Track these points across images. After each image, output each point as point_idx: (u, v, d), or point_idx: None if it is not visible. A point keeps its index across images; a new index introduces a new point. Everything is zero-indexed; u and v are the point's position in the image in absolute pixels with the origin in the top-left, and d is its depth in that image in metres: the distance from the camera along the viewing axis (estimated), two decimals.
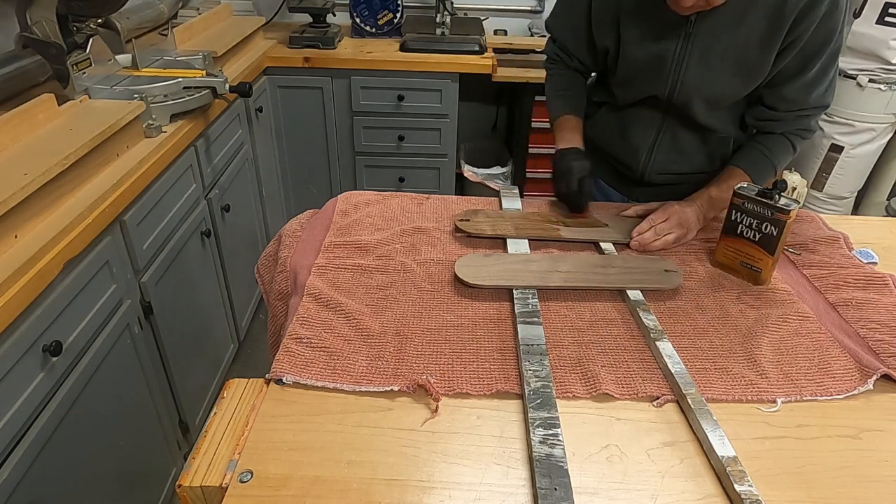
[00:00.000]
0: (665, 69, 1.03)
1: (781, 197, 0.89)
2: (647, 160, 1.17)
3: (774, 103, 1.05)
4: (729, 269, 0.97)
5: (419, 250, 0.99)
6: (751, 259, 0.93)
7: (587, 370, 0.75)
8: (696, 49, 1.00)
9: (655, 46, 1.02)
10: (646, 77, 1.06)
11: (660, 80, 1.05)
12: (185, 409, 1.57)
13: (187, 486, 0.61)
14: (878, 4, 2.28)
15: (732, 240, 0.95)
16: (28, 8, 1.35)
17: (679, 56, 1.01)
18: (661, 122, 1.13)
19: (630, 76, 1.09)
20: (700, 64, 1.01)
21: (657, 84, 1.06)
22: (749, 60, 0.99)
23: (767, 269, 0.92)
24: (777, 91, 1.03)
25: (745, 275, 0.95)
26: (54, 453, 1.04)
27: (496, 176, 2.49)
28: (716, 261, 0.98)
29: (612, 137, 1.21)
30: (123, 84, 1.49)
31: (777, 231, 0.89)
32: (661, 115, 1.12)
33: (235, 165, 1.87)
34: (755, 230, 0.92)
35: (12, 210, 0.98)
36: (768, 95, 1.05)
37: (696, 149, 1.15)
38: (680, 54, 1.01)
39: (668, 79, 1.04)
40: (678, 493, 0.61)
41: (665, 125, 1.13)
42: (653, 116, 1.13)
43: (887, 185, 2.68)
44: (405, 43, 2.27)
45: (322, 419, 0.68)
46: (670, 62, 1.02)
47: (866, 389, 0.74)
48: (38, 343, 1.00)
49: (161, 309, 1.41)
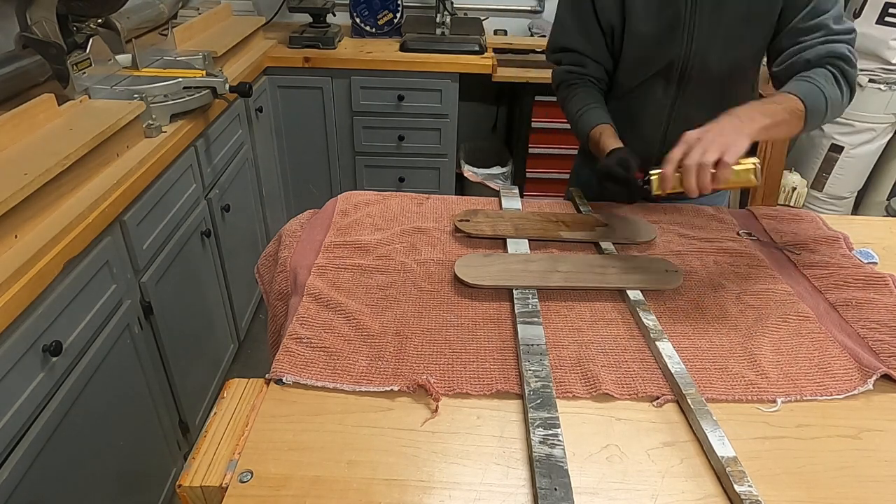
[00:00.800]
0: (678, 32, 1.03)
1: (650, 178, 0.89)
2: (661, 150, 1.12)
3: (794, 38, 1.01)
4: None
5: (419, 250, 0.99)
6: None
7: (587, 370, 0.75)
8: (706, 6, 1.00)
9: (664, 13, 1.02)
10: (659, 46, 1.05)
11: (674, 46, 1.04)
12: (185, 409, 1.57)
13: (187, 486, 0.61)
14: (878, 4, 2.28)
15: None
16: (28, 8, 1.35)
17: (689, 15, 1.01)
18: (670, 107, 1.12)
19: (642, 50, 1.07)
20: (713, 21, 1.01)
21: (671, 50, 1.05)
22: (759, 6, 1.00)
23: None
24: (793, 28, 1.00)
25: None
26: (54, 453, 1.04)
27: (496, 176, 2.49)
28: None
29: (621, 131, 1.17)
30: (123, 84, 1.49)
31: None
32: (672, 97, 1.11)
33: (235, 165, 1.87)
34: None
35: (12, 210, 0.98)
36: (786, 38, 1.02)
37: None
38: (690, 13, 1.01)
39: (682, 42, 1.04)
40: (678, 493, 0.61)
41: (675, 110, 1.12)
42: (660, 102, 1.12)
43: (887, 185, 2.68)
44: (405, 43, 2.27)
45: (322, 419, 0.68)
46: (682, 24, 1.02)
47: (866, 389, 0.74)
48: (38, 343, 1.00)
49: (161, 309, 1.41)
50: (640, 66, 1.10)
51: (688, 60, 1.06)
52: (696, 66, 1.06)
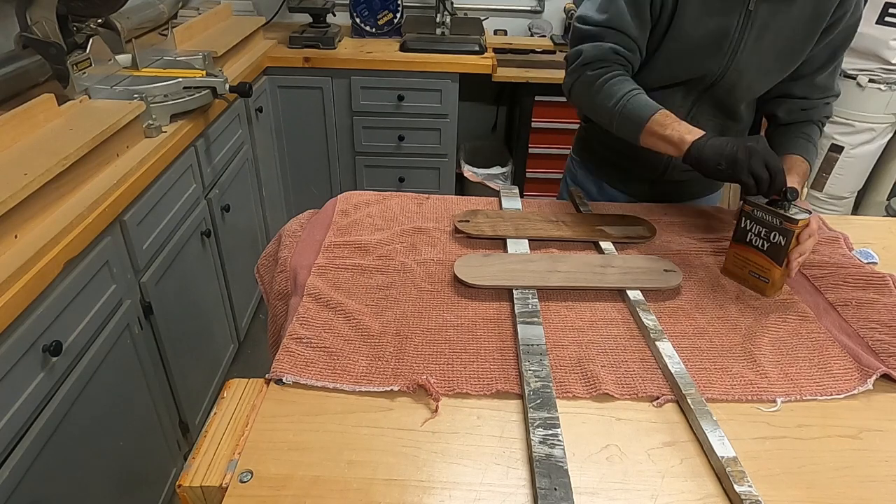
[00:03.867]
0: (724, 46, 1.01)
1: (791, 206, 0.87)
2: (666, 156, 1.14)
3: (808, 93, 1.08)
4: (738, 278, 0.94)
5: (419, 250, 0.99)
6: (759, 269, 0.91)
7: (587, 370, 0.75)
8: (755, 27, 0.99)
9: (715, 21, 0.99)
10: (701, 54, 1.03)
11: (715, 58, 1.02)
12: (185, 409, 1.57)
13: (187, 486, 0.61)
14: (878, 4, 2.28)
15: (741, 248, 0.93)
16: (28, 8, 1.35)
17: (739, 33, 1.00)
18: (686, 114, 1.10)
19: (682, 53, 1.04)
20: (755, 44, 1.00)
21: (711, 62, 1.03)
22: (794, 45, 1.01)
23: (774, 279, 0.89)
24: (810, 80, 1.06)
25: (752, 284, 0.92)
26: (54, 453, 1.04)
27: (496, 176, 2.49)
28: (725, 269, 0.96)
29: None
30: (123, 84, 1.49)
31: (785, 241, 0.87)
32: (690, 105, 1.10)
33: (235, 165, 1.87)
34: (763, 239, 0.89)
35: (12, 210, 0.98)
36: (800, 86, 1.07)
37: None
38: (740, 30, 0.99)
39: (724, 57, 1.02)
40: (678, 494, 0.61)
41: (691, 114, 1.11)
42: (677, 107, 1.08)
43: (887, 185, 2.68)
44: (405, 43, 2.27)
45: (322, 419, 0.68)
46: (730, 39, 1.00)
47: (866, 389, 0.74)
48: (38, 343, 1.00)
49: (161, 309, 1.41)
50: (674, 69, 1.06)
51: (722, 77, 1.04)
52: (727, 84, 1.05)
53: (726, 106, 1.10)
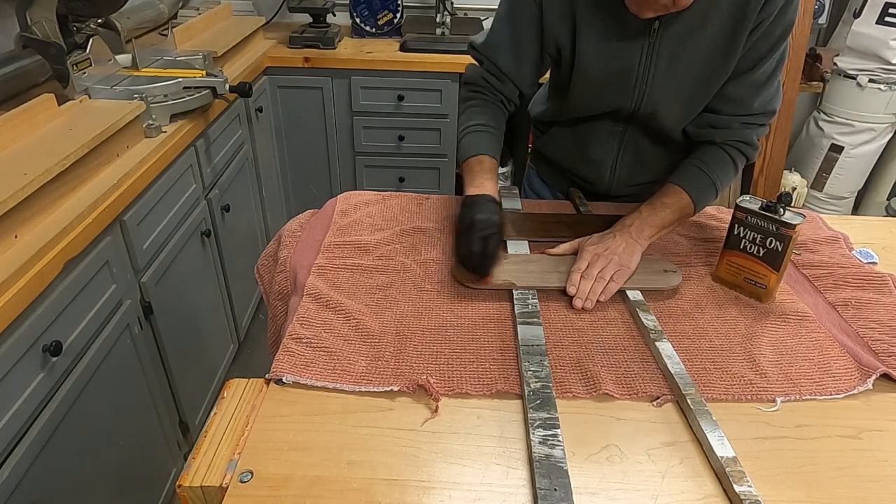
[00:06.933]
0: (630, 83, 0.97)
1: (787, 210, 0.86)
2: (611, 175, 1.14)
3: (717, 105, 0.99)
4: (731, 286, 0.93)
5: (419, 250, 0.99)
6: (755, 275, 0.90)
7: (587, 370, 0.75)
8: (661, 59, 0.94)
9: (617, 59, 0.95)
10: (609, 91, 1.00)
11: (623, 95, 0.99)
12: (185, 409, 1.57)
13: (187, 486, 0.61)
14: (878, 4, 2.28)
15: (735, 255, 0.91)
16: (28, 8, 1.35)
17: (644, 68, 0.95)
18: (621, 136, 1.08)
19: (590, 91, 1.02)
20: (667, 74, 0.95)
21: (621, 98, 1.00)
22: (715, 66, 0.93)
23: (772, 285, 0.89)
24: (721, 90, 0.97)
25: (748, 291, 0.91)
26: (54, 453, 1.04)
27: None
28: (717, 276, 0.95)
29: (571, 154, 1.16)
30: (123, 84, 1.49)
31: (782, 246, 0.86)
32: (622, 127, 1.07)
33: (235, 165, 1.88)
34: (759, 245, 0.88)
35: (12, 210, 0.98)
36: (714, 100, 0.98)
37: (660, 158, 1.11)
38: (645, 66, 0.95)
39: (633, 92, 0.98)
40: (678, 494, 0.61)
41: (626, 138, 1.08)
42: (612, 130, 1.08)
43: (887, 185, 2.68)
44: (405, 43, 2.27)
45: (322, 419, 0.68)
46: (635, 75, 0.96)
47: (866, 389, 0.74)
48: (38, 343, 1.00)
49: (161, 309, 1.41)
50: (588, 103, 1.05)
51: (638, 110, 1.01)
52: (646, 115, 1.02)
53: (659, 132, 1.06)
